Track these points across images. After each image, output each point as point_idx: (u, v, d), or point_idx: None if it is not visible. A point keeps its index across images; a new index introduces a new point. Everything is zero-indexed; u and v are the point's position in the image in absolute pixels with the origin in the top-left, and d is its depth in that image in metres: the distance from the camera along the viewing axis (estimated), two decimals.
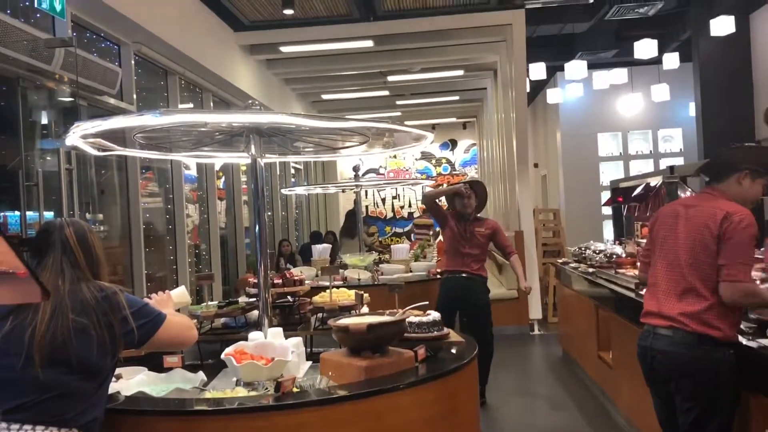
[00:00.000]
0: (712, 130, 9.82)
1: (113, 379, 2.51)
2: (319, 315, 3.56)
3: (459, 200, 5.58)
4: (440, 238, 7.77)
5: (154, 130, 3.04)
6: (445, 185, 8.40)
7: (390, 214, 16.62)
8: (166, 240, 6.99)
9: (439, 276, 6.08)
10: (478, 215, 5.71)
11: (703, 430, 2.78)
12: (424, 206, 15.86)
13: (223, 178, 8.89)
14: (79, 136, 2.86)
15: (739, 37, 9.55)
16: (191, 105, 7.78)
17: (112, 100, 5.49)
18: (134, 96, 6.03)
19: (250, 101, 3.11)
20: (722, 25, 8.80)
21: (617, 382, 4.96)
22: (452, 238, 5.57)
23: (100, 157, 5.45)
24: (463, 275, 5.48)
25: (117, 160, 6.00)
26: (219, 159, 6.09)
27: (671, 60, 10.42)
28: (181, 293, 2.85)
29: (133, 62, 6.06)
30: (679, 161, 11.60)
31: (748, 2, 9.63)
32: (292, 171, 12.90)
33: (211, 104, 8.10)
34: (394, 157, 16.22)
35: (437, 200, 5.93)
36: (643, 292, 3.25)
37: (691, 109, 11.30)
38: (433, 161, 16.59)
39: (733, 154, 2.93)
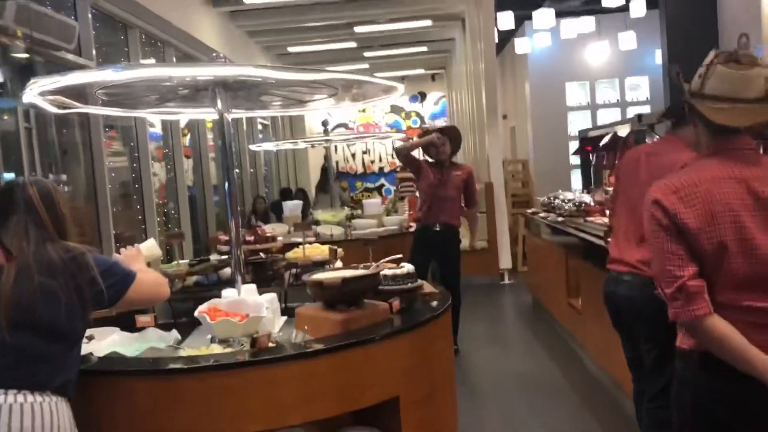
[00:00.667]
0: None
1: (85, 340, 2.49)
2: (293, 271, 3.55)
3: (433, 149, 5.53)
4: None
5: (116, 86, 2.94)
6: (415, 138, 8.25)
7: (360, 170, 16.54)
8: (133, 200, 6.87)
9: (412, 228, 6.10)
10: (453, 160, 5.70)
11: (663, 371, 2.84)
12: (397, 161, 15.87)
13: (189, 136, 8.72)
14: (36, 93, 2.76)
15: None
16: (153, 60, 7.56)
17: (70, 56, 5.29)
18: (93, 51, 5.82)
19: (214, 54, 3.03)
20: None
21: (586, 328, 5.07)
22: (430, 186, 5.50)
23: (60, 115, 5.29)
24: (437, 228, 5.47)
25: (79, 119, 5.83)
26: (184, 115, 5.95)
27: (638, 7, 10.37)
28: (150, 246, 2.80)
29: (90, 16, 5.84)
30: (646, 110, 11.67)
31: None
32: (260, 127, 12.71)
33: (174, 59, 7.88)
34: (363, 111, 16.05)
35: (410, 152, 5.85)
36: (611, 239, 3.30)
37: (658, 57, 11.32)
38: (403, 114, 16.47)
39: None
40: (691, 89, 1.98)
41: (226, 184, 3.07)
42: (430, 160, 5.71)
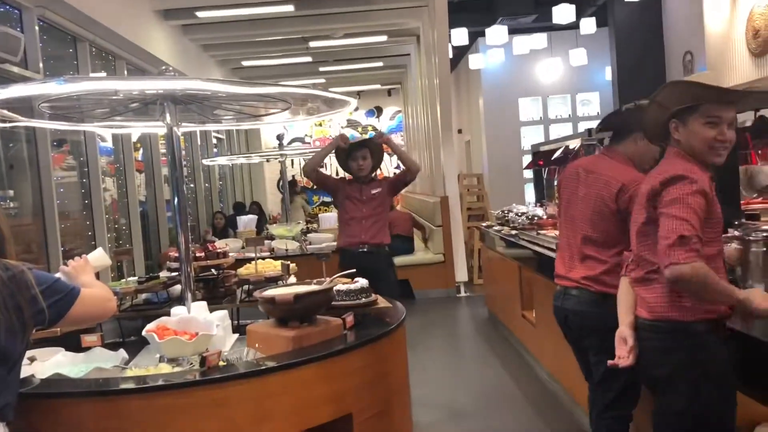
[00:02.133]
0: (627, 94, 10.13)
1: (27, 361, 2.40)
2: (245, 287, 3.50)
3: (353, 162, 4.95)
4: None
5: (61, 98, 2.88)
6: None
7: None
8: (83, 215, 6.71)
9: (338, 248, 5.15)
10: (373, 176, 5.10)
11: (612, 384, 2.90)
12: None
13: (141, 150, 8.58)
14: None
15: (651, 3, 9.86)
16: (104, 73, 7.43)
17: (15, 69, 5.16)
18: (41, 64, 5.69)
19: (163, 67, 2.98)
20: None
21: (540, 340, 5.12)
22: (349, 206, 4.93)
23: (6, 129, 5.15)
24: (362, 249, 4.79)
25: (26, 133, 5.68)
26: (135, 129, 5.85)
27: (588, 25, 10.66)
28: (99, 256, 2.69)
29: (36, 28, 5.71)
30: (596, 124, 11.96)
31: None
32: (214, 141, 12.58)
33: (125, 72, 7.75)
34: (320, 125, 16.05)
35: (319, 167, 5.14)
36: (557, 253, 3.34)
37: (608, 73, 11.64)
38: (359, 129, 16.51)
39: (630, 115, 2.93)
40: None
41: (176, 199, 3.01)
42: (347, 176, 5.14)
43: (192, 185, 10.43)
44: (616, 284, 2.73)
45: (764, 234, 2.67)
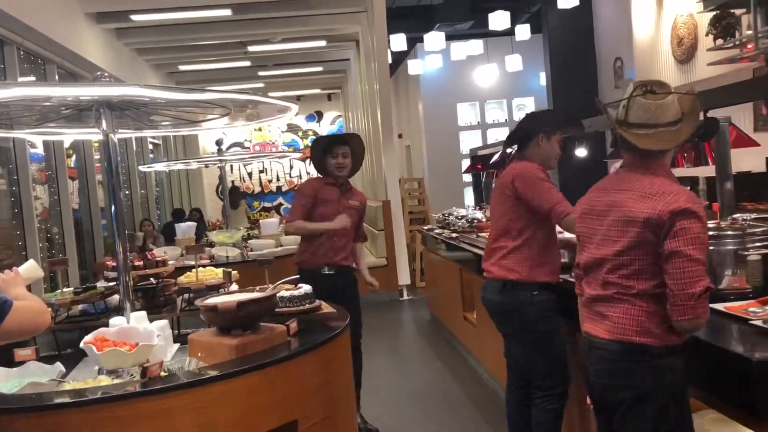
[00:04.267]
0: (560, 98, 10.43)
1: None
2: (186, 296, 3.45)
3: (332, 159, 4.25)
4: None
5: None
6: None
7: (258, 189, 16.33)
8: (13, 225, 6.46)
9: (298, 268, 4.29)
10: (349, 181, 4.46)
11: (536, 366, 3.21)
12: (295, 180, 15.71)
13: (74, 157, 8.32)
14: None
15: (583, 10, 10.16)
16: (33, 78, 7.18)
17: None
18: None
19: (99, 73, 2.91)
20: None
21: (481, 340, 5.22)
22: (323, 215, 4.20)
23: None
24: (330, 272, 4.21)
25: None
26: (68, 135, 5.68)
27: (523, 31, 10.92)
28: (30, 268, 2.62)
29: None
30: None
31: None
32: (151, 147, 12.31)
33: (56, 77, 7.52)
34: (260, 130, 15.90)
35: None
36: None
37: (542, 79, 11.94)
38: (300, 133, 16.44)
39: (527, 122, 3.28)
40: (617, 118, 2.23)
41: (112, 207, 2.95)
42: (317, 175, 4.43)
43: (128, 192, 10.18)
44: (519, 269, 3.18)
45: None
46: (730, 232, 2.70)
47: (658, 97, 2.16)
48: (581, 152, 4.66)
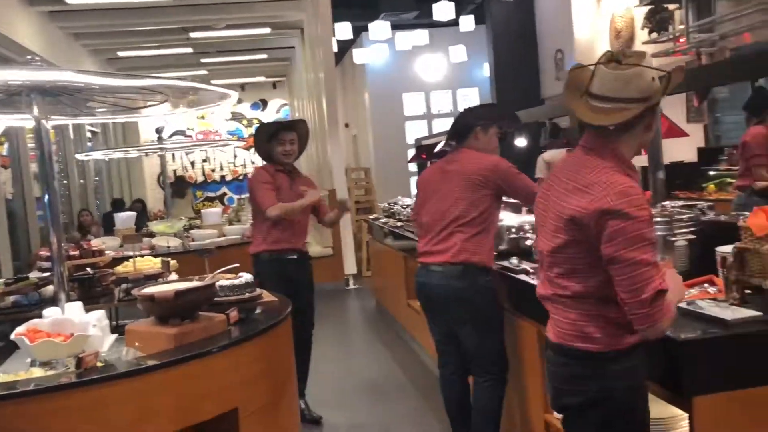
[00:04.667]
0: (503, 89, 10.59)
1: None
2: (124, 286, 3.39)
3: (279, 146, 4.18)
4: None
5: None
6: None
7: (201, 178, 16.06)
8: None
9: (259, 255, 4.19)
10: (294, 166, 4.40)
11: (487, 351, 3.26)
12: (239, 170, 15.49)
13: (6, 144, 8.02)
14: None
15: (525, 2, 10.33)
16: None
17: None
18: None
19: (29, 57, 2.83)
20: None
21: (425, 328, 5.28)
22: (284, 200, 4.11)
23: None
24: (294, 257, 4.20)
25: None
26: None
27: (467, 22, 11.02)
28: None
29: None
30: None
31: None
32: (89, 135, 11.96)
33: None
34: (203, 118, 15.62)
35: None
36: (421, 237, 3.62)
37: (486, 70, 12.09)
38: (244, 122, 16.22)
39: (464, 117, 3.39)
40: (571, 90, 1.98)
41: (46, 196, 2.87)
42: (262, 162, 4.42)
43: (65, 181, 9.87)
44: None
45: None
46: (659, 219, 2.80)
47: (623, 67, 1.88)
48: (520, 142, 4.76)
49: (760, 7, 5.40)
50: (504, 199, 3.43)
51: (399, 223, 6.26)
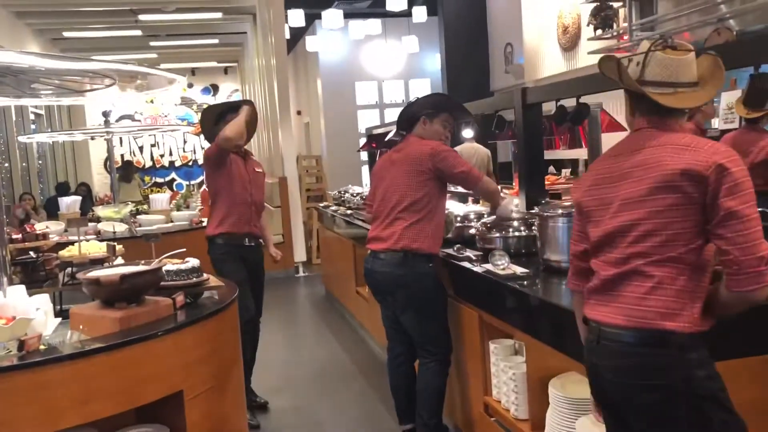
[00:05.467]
0: (454, 80, 10.71)
1: None
2: (68, 270, 3.36)
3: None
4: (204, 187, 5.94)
5: None
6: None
7: (149, 163, 15.78)
8: None
9: (203, 223, 4.48)
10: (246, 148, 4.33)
11: (429, 334, 3.38)
12: (189, 155, 15.28)
13: None
14: None
15: None
16: None
17: None
18: None
19: None
20: None
21: (372, 314, 5.37)
22: (236, 185, 4.11)
23: None
24: (252, 244, 4.24)
25: None
26: None
27: (420, 13, 11.09)
28: None
29: None
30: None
31: None
32: (32, 117, 11.62)
33: None
34: (151, 102, 15.32)
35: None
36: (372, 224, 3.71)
37: (438, 61, 12.20)
38: (195, 107, 15.96)
39: (410, 107, 3.55)
40: (630, 77, 1.90)
41: None
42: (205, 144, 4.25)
43: (6, 164, 9.59)
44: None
45: (561, 211, 3.03)
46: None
47: (679, 53, 1.90)
48: (468, 134, 4.86)
49: (699, 7, 5.62)
50: (452, 189, 3.53)
51: (349, 211, 6.32)
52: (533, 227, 3.32)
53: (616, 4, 6.54)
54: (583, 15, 7.38)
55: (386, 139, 6.99)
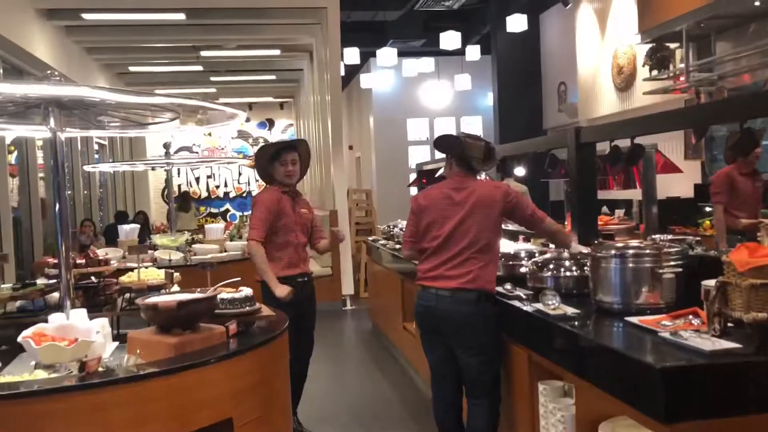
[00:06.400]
0: (506, 118, 10.75)
1: None
2: (127, 295, 3.47)
3: (281, 166, 4.15)
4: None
5: None
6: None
7: (205, 194, 16.19)
8: None
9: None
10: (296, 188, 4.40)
11: (483, 374, 3.34)
12: (243, 186, 15.63)
13: (15, 153, 8.15)
14: None
15: (531, 35, 10.53)
16: None
17: None
18: None
19: (48, 72, 2.94)
20: (516, 23, 9.66)
21: (419, 352, 5.34)
22: (285, 226, 4.12)
23: None
24: (303, 279, 4.20)
25: None
26: (11, 132, 5.60)
27: (473, 52, 11.22)
28: None
29: None
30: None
31: (539, 3, 10.63)
32: (96, 147, 12.11)
33: (1, 71, 7.38)
34: (209, 134, 15.79)
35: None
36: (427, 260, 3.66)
37: (490, 99, 12.26)
38: (250, 140, 16.38)
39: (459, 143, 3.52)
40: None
41: (56, 205, 2.97)
42: (263, 184, 4.40)
43: (70, 192, 9.99)
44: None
45: (614, 252, 2.99)
46: (648, 251, 2.90)
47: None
48: (519, 171, 4.86)
49: (759, 49, 5.54)
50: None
51: (398, 246, 6.34)
52: (585, 267, 3.28)
53: (672, 45, 6.49)
54: (638, 55, 7.34)
55: (436, 175, 7.04)
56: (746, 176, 4.89)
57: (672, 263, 2.87)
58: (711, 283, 2.47)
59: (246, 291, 3.11)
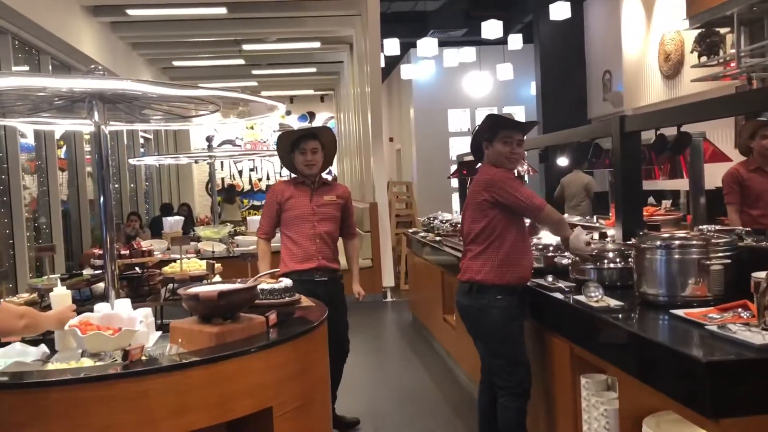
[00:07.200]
0: (550, 108, 10.58)
1: None
2: (170, 286, 3.53)
3: (300, 155, 3.99)
4: None
5: None
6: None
7: (247, 187, 16.39)
8: (1, 213, 6.51)
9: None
10: (324, 176, 4.21)
11: (498, 367, 3.34)
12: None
13: (64, 148, 8.37)
14: None
15: (574, 22, 10.33)
16: (27, 68, 7.24)
17: None
18: None
19: (93, 66, 3.00)
20: (560, 10, 9.48)
21: (459, 343, 5.32)
22: (297, 217, 4.00)
23: None
24: (316, 278, 3.97)
25: None
26: (59, 126, 5.75)
27: (515, 41, 11.07)
28: None
29: None
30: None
31: None
32: (141, 140, 12.36)
33: (50, 68, 7.58)
34: (251, 128, 15.97)
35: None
36: None
37: (533, 88, 12.09)
38: None
39: (474, 138, 3.52)
40: None
41: (101, 198, 3.03)
42: (289, 176, 4.28)
43: (117, 185, 10.23)
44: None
45: (659, 243, 2.91)
46: (694, 242, 2.81)
47: None
48: (562, 161, 4.78)
49: None
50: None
51: (438, 238, 6.31)
52: (629, 259, 3.20)
53: (722, 30, 6.28)
54: (686, 41, 7.13)
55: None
56: (755, 172, 4.65)
57: (720, 254, 2.78)
58: (762, 274, 2.39)
59: (286, 282, 3.13)
